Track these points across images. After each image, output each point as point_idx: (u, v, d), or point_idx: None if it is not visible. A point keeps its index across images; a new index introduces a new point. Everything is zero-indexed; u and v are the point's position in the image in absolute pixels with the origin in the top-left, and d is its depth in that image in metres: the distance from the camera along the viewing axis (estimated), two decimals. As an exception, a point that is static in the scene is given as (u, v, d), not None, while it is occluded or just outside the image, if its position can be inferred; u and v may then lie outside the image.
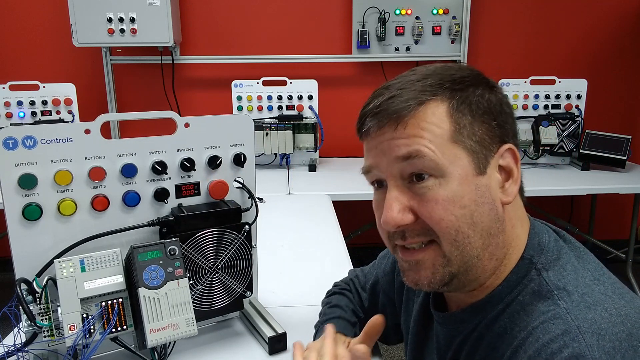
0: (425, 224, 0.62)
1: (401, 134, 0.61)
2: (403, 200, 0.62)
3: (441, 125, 0.61)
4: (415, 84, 0.63)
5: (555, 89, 2.57)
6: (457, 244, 0.61)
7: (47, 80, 2.48)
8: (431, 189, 0.61)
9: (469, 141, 0.61)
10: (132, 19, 2.49)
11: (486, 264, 0.63)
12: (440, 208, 0.60)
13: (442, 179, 0.61)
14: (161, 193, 0.89)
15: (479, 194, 0.61)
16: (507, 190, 0.64)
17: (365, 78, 2.97)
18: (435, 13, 2.80)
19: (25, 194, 0.79)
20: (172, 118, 0.89)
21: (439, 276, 0.63)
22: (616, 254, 2.81)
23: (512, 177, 0.64)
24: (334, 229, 1.67)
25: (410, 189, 0.62)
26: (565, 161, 2.62)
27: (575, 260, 0.64)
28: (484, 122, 0.63)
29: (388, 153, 0.63)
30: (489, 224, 0.62)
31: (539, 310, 0.59)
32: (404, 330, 0.87)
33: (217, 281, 0.94)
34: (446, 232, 0.61)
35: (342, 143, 2.94)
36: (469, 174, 0.61)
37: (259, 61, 2.85)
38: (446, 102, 0.62)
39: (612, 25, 2.98)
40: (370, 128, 0.64)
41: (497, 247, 0.63)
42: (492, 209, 0.62)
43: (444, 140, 0.61)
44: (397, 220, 0.62)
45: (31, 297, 0.77)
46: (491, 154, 0.63)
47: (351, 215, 2.64)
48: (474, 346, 0.66)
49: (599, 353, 0.52)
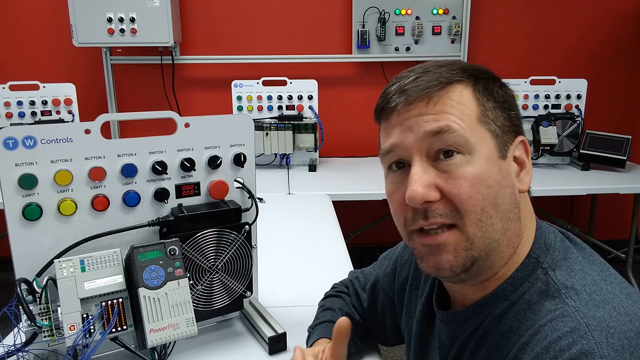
0: (449, 204, 0.61)
1: (431, 110, 0.62)
2: (429, 177, 0.61)
3: (468, 106, 0.63)
4: (440, 68, 0.65)
5: (555, 89, 2.57)
6: (480, 225, 0.61)
7: (47, 80, 2.48)
8: (459, 166, 0.61)
9: (493, 125, 0.63)
10: (132, 19, 2.49)
11: (504, 250, 0.63)
12: (468, 185, 0.60)
13: (470, 157, 0.61)
14: (161, 193, 0.89)
15: (502, 176, 0.63)
16: (522, 180, 0.66)
17: (365, 78, 2.97)
18: (435, 13, 2.80)
19: (25, 194, 0.79)
20: (172, 118, 0.89)
21: (461, 259, 0.62)
22: (616, 254, 2.81)
23: (525, 168, 0.66)
24: (334, 229, 1.67)
25: (437, 167, 0.62)
26: (565, 161, 2.62)
27: (582, 260, 0.64)
28: (504, 110, 0.65)
29: (416, 129, 0.62)
30: (509, 207, 0.63)
31: (546, 308, 0.59)
32: (406, 331, 0.86)
33: (217, 281, 0.94)
34: (472, 211, 0.60)
35: (342, 143, 2.95)
36: (493, 155, 0.63)
37: (259, 61, 2.85)
38: (471, 87, 0.64)
39: (612, 25, 2.98)
40: (399, 104, 0.64)
41: (513, 234, 0.64)
42: (513, 193, 0.64)
43: (471, 119, 0.62)
44: (425, 195, 0.60)
45: (31, 297, 0.77)
46: (509, 142, 0.65)
47: (351, 215, 2.64)
48: (478, 344, 0.66)
49: (607, 350, 0.52)
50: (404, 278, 0.87)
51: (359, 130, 2.95)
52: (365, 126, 2.99)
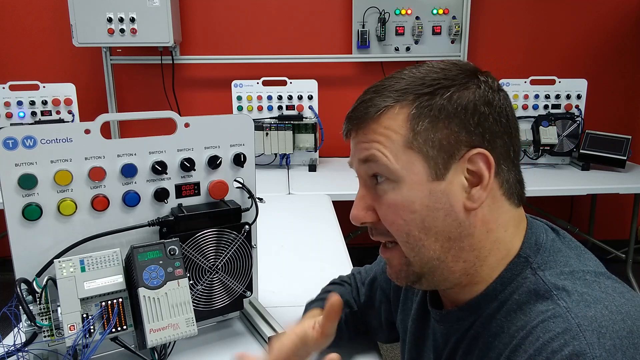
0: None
1: (362, 139, 0.66)
2: (367, 200, 0.68)
3: (398, 131, 0.63)
4: (387, 88, 0.65)
5: (555, 89, 2.57)
6: (411, 247, 0.65)
7: (47, 80, 2.48)
8: (386, 192, 0.65)
9: (425, 147, 0.62)
10: (132, 19, 2.49)
11: (452, 266, 0.65)
12: (391, 212, 0.64)
13: (395, 184, 0.64)
14: (161, 193, 0.89)
15: (433, 199, 0.62)
16: (473, 196, 0.62)
17: (365, 78, 2.97)
18: (435, 13, 2.80)
19: (25, 194, 0.79)
20: (172, 118, 0.89)
21: (403, 274, 0.68)
22: (616, 254, 2.81)
23: (482, 183, 0.62)
24: (334, 229, 1.67)
25: (373, 190, 0.67)
26: (565, 161, 2.62)
27: (574, 259, 0.64)
28: (446, 127, 0.61)
29: (355, 154, 0.68)
30: (445, 228, 0.63)
31: (537, 309, 0.59)
32: (401, 329, 0.87)
33: (217, 281, 0.94)
34: (398, 235, 0.65)
35: (342, 143, 2.92)
36: (422, 179, 0.63)
37: (259, 61, 2.85)
38: (407, 108, 0.62)
39: (612, 25, 2.98)
40: (345, 132, 0.70)
41: (461, 250, 0.64)
42: (449, 214, 0.63)
43: (399, 146, 0.63)
44: (360, 217, 0.68)
45: (31, 297, 0.77)
46: (454, 159, 0.62)
47: (351, 215, 2.64)
48: (470, 344, 0.67)
49: (599, 351, 0.51)
50: None
51: (359, 130, 2.95)
52: (365, 126, 2.99)
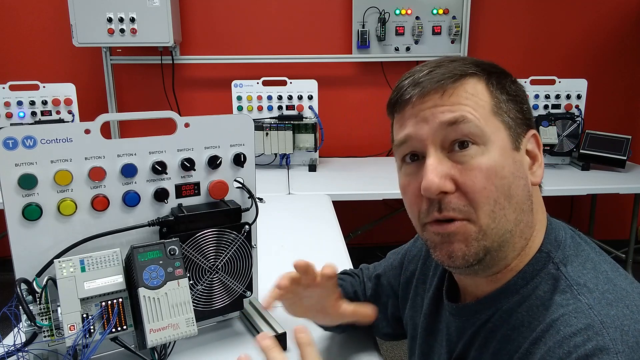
0: (463, 197, 0.61)
1: (446, 102, 0.63)
2: (444, 168, 0.62)
3: (482, 98, 0.63)
4: (452, 62, 0.65)
5: (555, 89, 2.57)
6: (493, 216, 0.61)
7: (47, 80, 2.47)
8: (474, 157, 0.61)
9: (506, 117, 0.64)
10: (132, 19, 2.49)
11: (516, 241, 0.64)
12: (483, 176, 0.61)
13: (485, 148, 0.61)
14: (161, 193, 0.89)
15: (516, 167, 0.63)
16: (535, 172, 0.66)
17: (365, 78, 2.97)
18: (435, 13, 2.80)
19: (25, 194, 0.79)
20: (172, 118, 0.89)
21: (473, 249, 0.62)
22: (616, 254, 2.81)
23: (537, 161, 0.67)
24: (334, 229, 1.67)
25: (451, 158, 0.62)
26: (565, 161, 2.62)
27: (594, 258, 0.64)
28: (517, 104, 0.66)
29: (431, 120, 0.63)
30: (523, 199, 0.63)
31: (557, 303, 0.59)
32: (410, 325, 0.87)
33: (217, 281, 0.94)
34: (485, 202, 0.61)
35: (342, 143, 2.95)
36: (507, 147, 0.63)
37: (259, 61, 2.85)
38: (484, 80, 0.65)
39: (612, 25, 2.98)
40: (413, 96, 0.64)
41: (526, 226, 0.64)
42: (526, 184, 0.64)
43: (485, 111, 0.63)
44: (440, 185, 0.61)
45: (31, 297, 0.77)
46: (522, 134, 0.65)
47: (351, 215, 2.65)
48: (487, 338, 0.66)
49: (622, 347, 0.52)
50: (411, 272, 0.88)
51: (359, 130, 2.95)
52: (366, 126, 2.99)
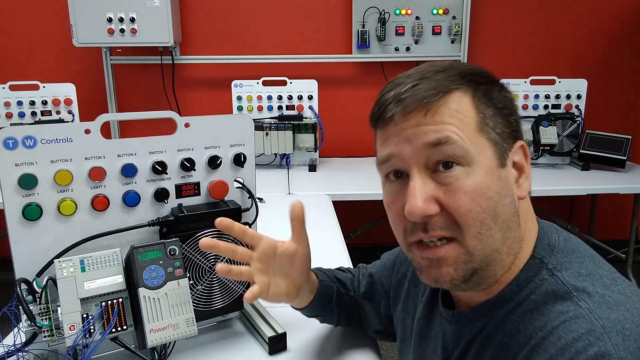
0: (449, 217, 0.60)
1: (429, 121, 0.60)
2: (428, 190, 0.60)
3: (467, 114, 0.60)
4: (437, 74, 0.62)
5: (555, 89, 2.57)
6: (480, 237, 0.60)
7: (47, 80, 2.48)
8: (458, 179, 0.59)
9: (492, 133, 0.62)
10: (132, 19, 2.49)
11: (504, 258, 0.63)
12: (468, 198, 0.59)
13: (470, 168, 0.59)
14: (161, 193, 0.89)
15: (502, 185, 0.61)
16: (521, 186, 0.64)
17: (365, 78, 2.97)
18: (435, 13, 2.80)
19: (25, 194, 0.79)
20: (172, 118, 0.89)
21: (461, 272, 0.61)
22: (616, 254, 2.80)
23: (524, 173, 0.65)
24: (334, 229, 1.67)
25: (435, 179, 0.61)
26: (565, 161, 2.62)
27: (589, 261, 0.64)
28: (504, 116, 0.63)
29: (414, 140, 0.60)
30: (509, 216, 0.62)
31: (557, 310, 0.58)
32: (400, 327, 0.87)
33: (217, 281, 0.94)
34: (472, 224, 0.59)
35: (342, 143, 2.94)
36: (493, 165, 0.61)
37: (259, 61, 2.85)
38: (470, 93, 0.62)
39: (612, 25, 2.98)
40: (395, 114, 0.62)
41: (514, 241, 0.63)
42: (513, 201, 0.62)
43: (470, 128, 0.60)
44: (424, 209, 0.59)
45: (31, 297, 0.77)
46: (509, 148, 0.63)
47: (351, 215, 2.64)
48: (483, 345, 0.66)
49: (625, 352, 0.51)
50: (402, 275, 0.88)
51: (359, 130, 2.95)
52: (365, 126, 2.96)
